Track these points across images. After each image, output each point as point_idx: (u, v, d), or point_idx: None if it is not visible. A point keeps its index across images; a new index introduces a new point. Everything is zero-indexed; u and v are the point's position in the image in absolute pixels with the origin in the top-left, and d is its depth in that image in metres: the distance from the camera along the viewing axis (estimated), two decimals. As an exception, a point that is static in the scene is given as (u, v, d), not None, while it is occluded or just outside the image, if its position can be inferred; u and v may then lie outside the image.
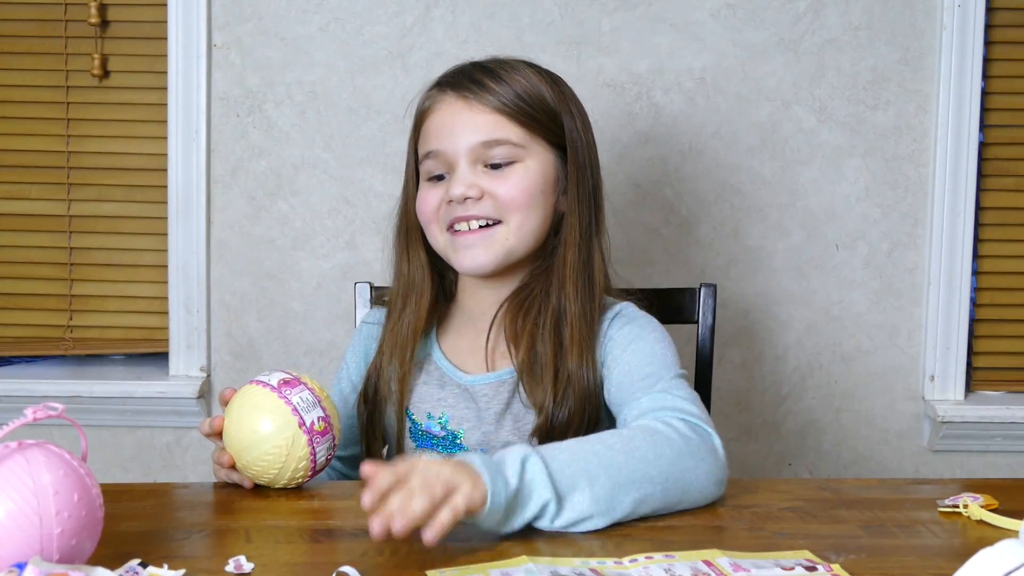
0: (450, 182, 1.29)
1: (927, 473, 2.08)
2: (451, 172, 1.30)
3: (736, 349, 2.06)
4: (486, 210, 1.29)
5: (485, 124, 1.29)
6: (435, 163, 1.31)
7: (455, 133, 1.29)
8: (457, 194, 1.28)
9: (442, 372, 1.34)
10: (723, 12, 2.00)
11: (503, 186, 1.28)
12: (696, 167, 2.03)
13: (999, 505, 1.11)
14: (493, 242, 1.29)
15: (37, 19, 2.04)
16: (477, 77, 1.30)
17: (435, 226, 1.32)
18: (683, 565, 0.93)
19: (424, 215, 1.33)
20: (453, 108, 1.30)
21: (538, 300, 1.31)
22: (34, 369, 2.11)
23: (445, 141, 1.29)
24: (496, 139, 1.28)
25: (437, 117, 1.31)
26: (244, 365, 2.05)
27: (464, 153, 1.29)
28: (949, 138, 2.00)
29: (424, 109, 1.34)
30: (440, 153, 1.30)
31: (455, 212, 1.29)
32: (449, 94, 1.31)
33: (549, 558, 0.94)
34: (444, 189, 1.30)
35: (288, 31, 2.01)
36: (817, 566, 0.95)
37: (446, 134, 1.29)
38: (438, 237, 1.32)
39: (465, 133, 1.29)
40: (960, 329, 2.04)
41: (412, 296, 1.35)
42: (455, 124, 1.29)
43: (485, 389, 1.31)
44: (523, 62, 1.35)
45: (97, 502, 0.87)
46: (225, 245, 2.04)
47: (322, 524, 1.06)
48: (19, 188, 2.07)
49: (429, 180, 1.33)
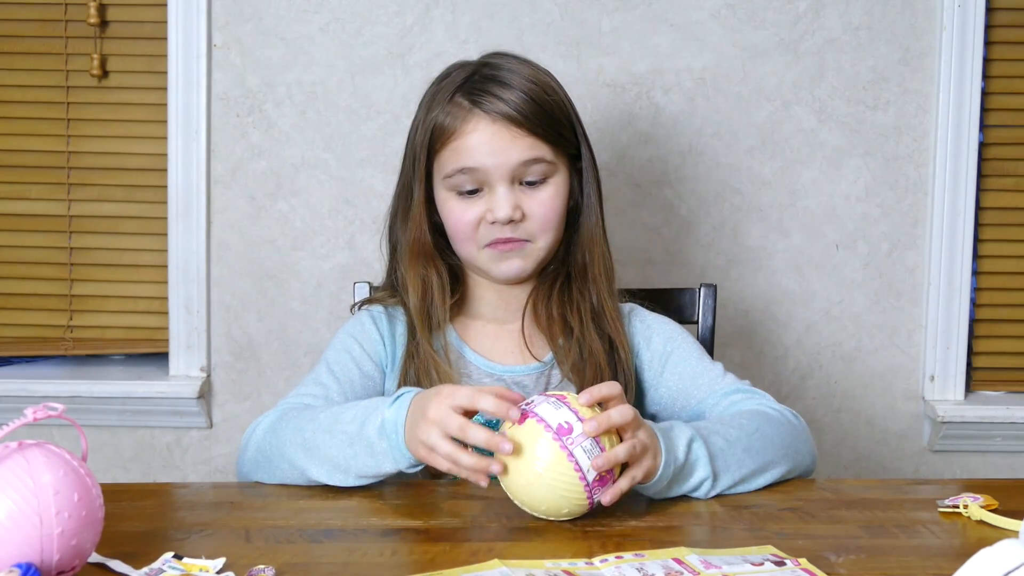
0: (491, 202, 1.32)
1: (927, 473, 2.08)
2: (486, 188, 1.33)
3: (736, 349, 2.06)
4: (521, 232, 1.34)
5: (525, 145, 1.32)
6: (467, 179, 1.33)
7: (496, 154, 1.31)
8: (503, 216, 1.32)
9: (476, 367, 1.39)
10: (723, 12, 2.00)
11: (539, 207, 1.34)
12: (696, 167, 2.03)
13: (999, 505, 1.11)
14: (527, 254, 1.36)
15: (37, 19, 2.04)
16: (508, 97, 1.31)
17: (471, 242, 1.35)
18: (654, 564, 0.94)
19: (460, 231, 1.35)
20: (491, 129, 1.31)
21: (573, 297, 1.39)
22: (34, 369, 2.11)
23: (484, 160, 1.31)
24: (534, 158, 1.33)
25: (473, 137, 1.32)
26: (244, 365, 2.05)
27: (505, 173, 1.32)
28: (949, 138, 2.00)
29: (450, 126, 1.33)
30: (477, 171, 1.32)
31: (496, 233, 1.33)
32: (480, 114, 1.32)
33: (522, 561, 0.94)
34: (481, 207, 1.33)
35: (288, 31, 2.01)
36: (785, 561, 0.95)
37: (485, 154, 1.31)
38: (471, 251, 1.36)
39: (506, 153, 1.31)
40: (960, 329, 2.04)
41: (434, 306, 1.38)
42: (494, 144, 1.31)
43: (526, 380, 1.38)
44: (528, 64, 1.37)
45: (97, 502, 0.88)
46: (225, 245, 2.04)
47: (322, 524, 1.06)
48: (19, 188, 2.07)
49: (460, 194, 1.34)
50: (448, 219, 1.36)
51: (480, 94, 1.32)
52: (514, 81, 1.33)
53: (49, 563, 0.84)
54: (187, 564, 0.93)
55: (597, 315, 1.39)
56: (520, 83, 1.33)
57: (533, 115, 1.32)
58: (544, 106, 1.33)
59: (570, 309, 1.38)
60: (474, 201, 1.33)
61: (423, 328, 1.36)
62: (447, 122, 1.33)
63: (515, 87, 1.32)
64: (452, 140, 1.33)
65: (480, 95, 1.32)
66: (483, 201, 1.33)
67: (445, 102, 1.34)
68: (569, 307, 1.39)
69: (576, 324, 1.37)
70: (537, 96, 1.33)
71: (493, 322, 1.42)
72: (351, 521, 1.07)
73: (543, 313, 1.39)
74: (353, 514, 1.09)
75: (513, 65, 1.36)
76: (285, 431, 1.23)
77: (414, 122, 1.40)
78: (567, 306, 1.39)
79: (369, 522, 1.07)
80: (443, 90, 1.35)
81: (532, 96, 1.32)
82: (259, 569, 0.92)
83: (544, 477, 1.03)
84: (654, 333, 1.42)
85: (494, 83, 1.33)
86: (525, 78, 1.34)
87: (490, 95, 1.32)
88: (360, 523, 1.07)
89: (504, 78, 1.33)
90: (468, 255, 1.37)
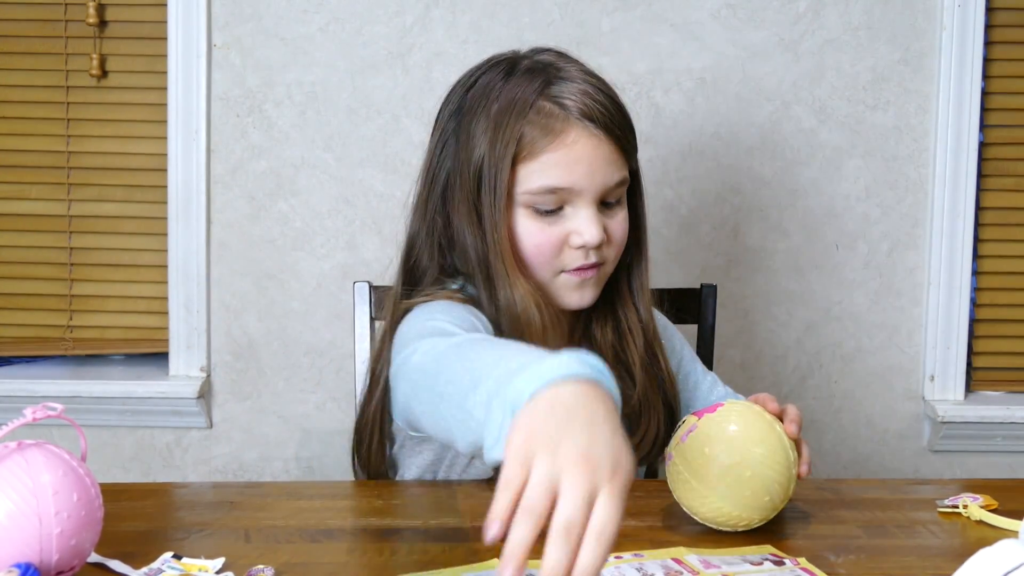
0: (576, 224, 1.20)
1: (927, 473, 2.08)
2: (567, 207, 1.20)
3: (736, 349, 2.06)
4: (600, 257, 1.23)
5: (616, 164, 1.21)
6: (553, 198, 1.19)
7: (592, 173, 1.19)
8: (594, 241, 1.19)
9: None
10: (723, 12, 2.00)
11: (619, 229, 1.24)
12: (696, 167, 2.03)
13: (999, 505, 1.11)
14: (598, 280, 1.26)
15: (37, 19, 2.04)
16: (607, 106, 1.20)
17: (547, 267, 1.22)
18: (654, 563, 0.94)
19: (541, 254, 1.21)
20: (591, 143, 1.19)
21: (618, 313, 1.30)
22: (34, 369, 2.11)
23: (580, 179, 1.18)
24: (622, 178, 1.23)
25: (575, 150, 1.18)
26: (244, 365, 2.05)
27: (597, 194, 1.20)
28: (949, 138, 2.00)
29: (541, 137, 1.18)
30: (568, 191, 1.19)
31: (578, 260, 1.21)
32: (584, 124, 1.18)
33: None
34: (562, 227, 1.20)
35: (288, 31, 2.01)
36: (784, 560, 0.95)
37: (582, 172, 1.18)
38: (546, 276, 1.23)
39: (601, 173, 1.19)
40: (960, 329, 2.04)
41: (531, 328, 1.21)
42: (593, 161, 1.19)
43: None
44: (574, 61, 1.26)
45: (96, 502, 0.88)
46: (225, 245, 2.04)
47: (322, 524, 1.06)
48: (19, 188, 2.07)
49: (539, 212, 1.20)
50: (526, 240, 1.21)
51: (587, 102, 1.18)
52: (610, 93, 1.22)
53: (48, 563, 0.84)
54: (186, 564, 0.93)
55: (634, 334, 1.30)
56: (601, 87, 1.21)
57: (620, 125, 1.21)
58: (625, 115, 1.23)
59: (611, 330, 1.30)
60: (555, 221, 1.20)
61: None
62: (536, 133, 1.18)
63: (614, 99, 1.21)
64: (543, 152, 1.18)
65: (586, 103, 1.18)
66: (564, 221, 1.20)
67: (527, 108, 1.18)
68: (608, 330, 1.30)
69: (618, 343, 1.30)
70: (619, 104, 1.22)
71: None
72: (351, 521, 1.07)
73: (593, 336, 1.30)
74: (353, 514, 1.09)
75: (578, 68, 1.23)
76: (447, 359, 1.00)
77: (472, 127, 1.22)
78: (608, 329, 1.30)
79: (369, 522, 1.07)
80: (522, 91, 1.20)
81: (617, 103, 1.21)
82: (258, 569, 0.92)
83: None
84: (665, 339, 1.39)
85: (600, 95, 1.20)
86: (599, 82, 1.22)
87: (598, 106, 1.18)
88: (360, 523, 1.07)
89: (605, 89, 1.22)
90: (542, 280, 1.23)
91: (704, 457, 1.01)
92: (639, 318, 1.30)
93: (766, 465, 1.01)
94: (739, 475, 1.00)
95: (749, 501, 1.01)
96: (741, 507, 1.01)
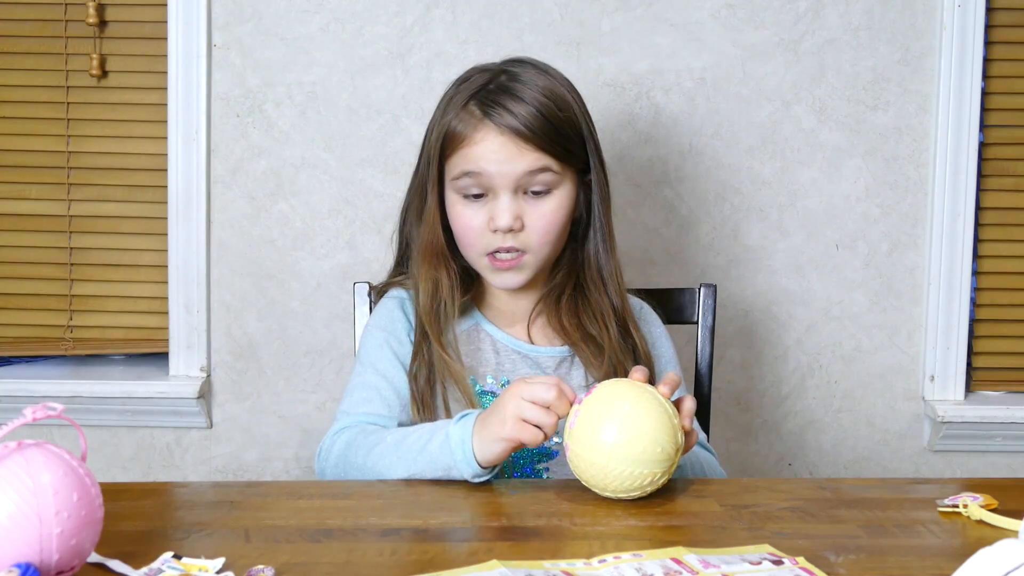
0: (493, 209, 1.35)
1: (927, 473, 2.08)
2: (490, 194, 1.35)
3: (736, 349, 2.06)
4: (520, 242, 1.36)
5: (531, 158, 1.34)
6: (473, 183, 1.35)
7: (501, 163, 1.33)
8: (504, 225, 1.34)
9: (495, 340, 1.42)
10: (723, 12, 2.00)
11: (539, 220, 1.36)
12: (696, 167, 2.03)
13: (999, 505, 1.11)
14: (522, 268, 1.38)
15: (37, 19, 2.04)
16: (518, 111, 1.33)
17: (473, 248, 1.38)
18: (653, 563, 0.94)
19: (467, 235, 1.38)
20: (499, 141, 1.33)
21: (580, 305, 1.42)
22: (34, 369, 2.11)
23: (490, 167, 1.34)
24: (540, 167, 1.35)
25: (481, 147, 1.34)
26: (244, 365, 2.05)
27: (509, 182, 1.34)
28: (949, 138, 2.00)
29: (461, 133, 1.36)
30: (482, 176, 1.34)
31: (496, 243, 1.36)
32: (490, 125, 1.34)
33: (520, 561, 0.94)
34: (486, 212, 1.36)
35: (288, 31, 2.01)
36: (783, 560, 0.95)
37: (491, 162, 1.34)
38: (473, 256, 1.39)
39: (511, 164, 1.33)
40: (960, 329, 2.04)
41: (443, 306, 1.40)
42: (500, 156, 1.33)
43: (548, 362, 1.42)
44: (546, 76, 1.38)
45: (96, 502, 0.87)
46: (225, 245, 2.04)
47: (322, 524, 1.06)
48: (19, 188, 2.07)
49: (466, 197, 1.37)
50: (454, 222, 1.39)
51: (492, 105, 1.34)
52: (527, 94, 1.34)
53: (48, 563, 0.84)
54: (186, 564, 0.93)
55: (606, 318, 1.42)
56: (533, 97, 1.34)
57: (541, 130, 1.33)
58: (554, 121, 1.35)
59: (582, 316, 1.42)
60: (479, 206, 1.36)
61: (432, 327, 1.38)
62: (459, 128, 1.36)
63: (527, 101, 1.34)
64: (462, 146, 1.35)
65: (492, 106, 1.34)
66: (488, 207, 1.36)
67: (459, 108, 1.36)
68: (579, 315, 1.42)
69: (591, 327, 1.41)
70: (548, 111, 1.34)
71: (511, 309, 1.46)
72: (351, 521, 1.07)
73: (553, 321, 1.43)
74: (353, 514, 1.09)
75: (531, 76, 1.37)
76: (355, 459, 1.28)
77: (431, 122, 1.42)
78: (579, 314, 1.42)
79: (369, 522, 1.07)
80: (459, 95, 1.37)
81: (543, 111, 1.34)
82: (258, 569, 0.92)
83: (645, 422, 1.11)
84: (654, 326, 1.50)
85: (507, 95, 1.34)
86: (539, 91, 1.35)
87: (501, 107, 1.34)
88: (360, 523, 1.07)
89: (518, 90, 1.35)
90: (471, 259, 1.40)
91: (593, 432, 1.11)
92: (611, 304, 1.43)
93: (645, 419, 1.10)
94: (627, 436, 1.10)
95: (646, 456, 1.10)
96: (640, 463, 1.10)
